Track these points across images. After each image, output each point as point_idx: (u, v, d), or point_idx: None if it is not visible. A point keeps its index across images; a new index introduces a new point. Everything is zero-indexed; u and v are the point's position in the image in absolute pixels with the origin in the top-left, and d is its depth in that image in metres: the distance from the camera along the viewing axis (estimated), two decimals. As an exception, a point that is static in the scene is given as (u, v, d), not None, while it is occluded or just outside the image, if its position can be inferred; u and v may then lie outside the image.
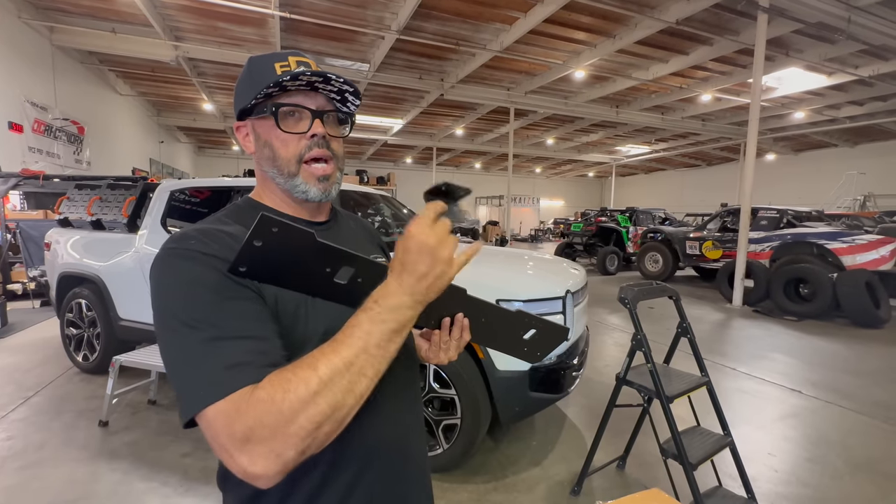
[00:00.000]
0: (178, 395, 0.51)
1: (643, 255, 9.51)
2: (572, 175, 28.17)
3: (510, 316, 0.69)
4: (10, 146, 6.88)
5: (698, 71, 9.73)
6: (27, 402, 3.01)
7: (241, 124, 0.71)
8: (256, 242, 0.50)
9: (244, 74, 0.70)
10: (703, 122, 14.10)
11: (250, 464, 0.46)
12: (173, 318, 0.53)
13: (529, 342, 0.72)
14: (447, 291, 0.58)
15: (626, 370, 2.01)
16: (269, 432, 0.46)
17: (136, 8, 6.94)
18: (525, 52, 8.68)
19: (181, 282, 0.54)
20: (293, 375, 0.48)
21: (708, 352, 4.41)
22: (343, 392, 0.48)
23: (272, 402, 0.46)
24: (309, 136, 0.66)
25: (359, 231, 0.86)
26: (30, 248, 5.85)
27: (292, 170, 0.66)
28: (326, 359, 0.49)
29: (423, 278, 0.51)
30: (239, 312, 0.53)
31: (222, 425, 0.47)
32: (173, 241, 0.58)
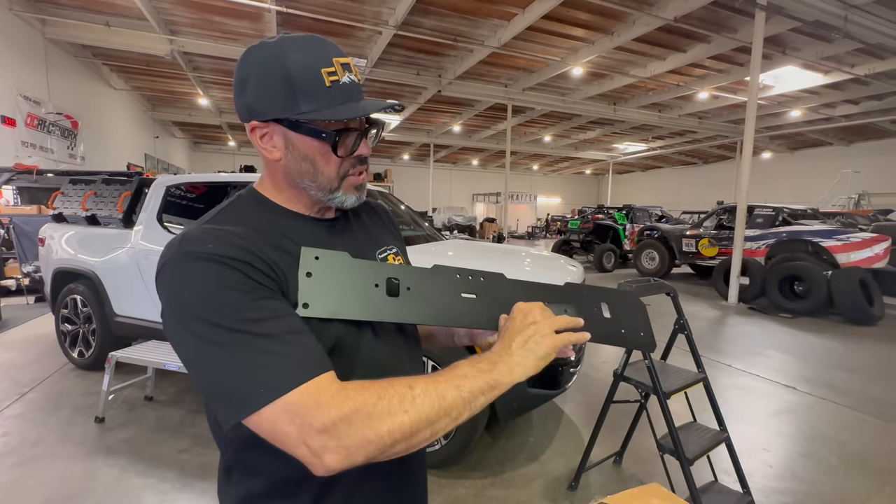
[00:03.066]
0: (224, 396, 0.49)
1: (640, 252, 9.54)
2: (569, 172, 28.22)
3: (563, 291, 0.68)
4: (2, 140, 6.80)
5: (696, 69, 9.75)
6: (22, 399, 2.99)
7: (261, 125, 0.61)
8: (308, 275, 0.56)
9: (271, 65, 0.58)
10: (700, 120, 14.14)
11: (320, 451, 0.47)
12: (206, 323, 0.50)
13: (619, 322, 0.69)
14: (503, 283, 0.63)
15: (624, 366, 2.02)
16: (350, 431, 0.47)
17: (130, 1, 6.86)
18: (523, 49, 8.66)
19: (210, 285, 0.51)
20: (390, 386, 0.50)
21: (704, 348, 4.44)
22: (426, 421, 0.50)
23: (365, 404, 0.47)
24: (355, 155, 0.65)
25: (370, 219, 0.82)
26: (24, 243, 5.80)
27: (334, 186, 0.65)
28: (423, 383, 0.51)
29: (523, 338, 0.57)
30: (281, 310, 0.53)
31: (296, 414, 0.46)
32: (186, 244, 0.54)
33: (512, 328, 0.58)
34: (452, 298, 0.63)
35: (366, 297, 0.58)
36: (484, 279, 0.66)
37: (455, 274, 0.65)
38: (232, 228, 0.57)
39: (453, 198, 25.48)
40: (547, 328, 0.58)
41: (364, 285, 0.59)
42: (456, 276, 0.65)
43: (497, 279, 0.66)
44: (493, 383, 0.54)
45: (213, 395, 0.50)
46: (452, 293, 0.64)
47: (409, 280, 0.62)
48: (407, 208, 3.94)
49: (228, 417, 0.49)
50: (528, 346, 0.57)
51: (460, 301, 0.64)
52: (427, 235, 3.55)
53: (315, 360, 0.51)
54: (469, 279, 0.65)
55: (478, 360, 0.55)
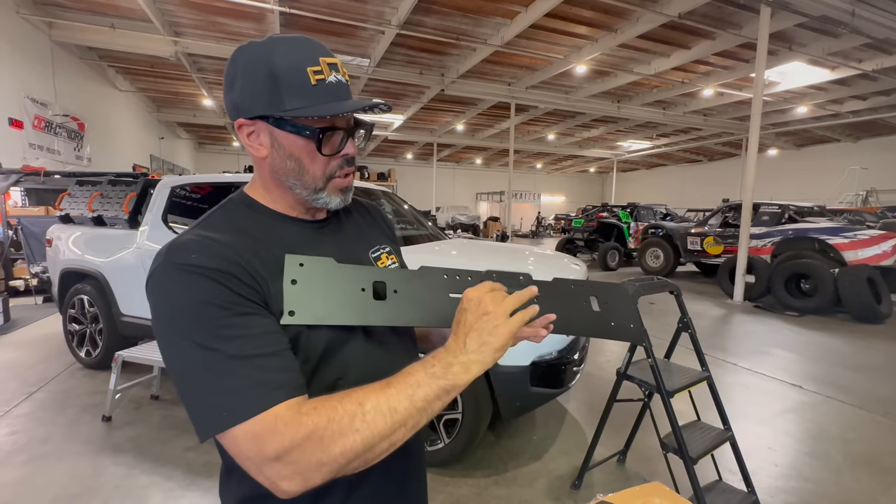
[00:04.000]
0: (195, 413, 0.50)
1: (644, 250, 9.50)
2: (573, 170, 28.12)
3: (553, 287, 0.67)
4: (10, 143, 6.88)
5: (700, 65, 9.68)
6: (31, 398, 3.02)
7: (248, 123, 0.62)
8: (293, 282, 0.56)
9: (258, 64, 0.59)
10: (705, 117, 14.05)
11: (278, 478, 0.48)
12: (185, 338, 0.51)
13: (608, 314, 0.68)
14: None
15: (627, 365, 2.01)
16: (303, 457, 0.47)
17: (134, 3, 6.90)
18: (526, 47, 8.63)
19: (189, 299, 0.52)
20: (340, 406, 0.49)
21: (709, 347, 4.41)
22: (380, 436, 0.49)
23: (315, 429, 0.47)
24: (341, 155, 0.65)
25: (362, 220, 0.82)
26: (31, 244, 5.86)
27: (319, 186, 0.64)
28: (374, 398, 0.50)
29: (477, 332, 0.53)
30: (255, 328, 0.52)
31: (255, 443, 0.47)
32: (172, 254, 0.55)
33: (465, 322, 0.54)
34: (440, 299, 0.63)
35: (352, 302, 0.58)
36: (472, 278, 0.65)
37: (442, 274, 0.64)
38: (218, 237, 0.57)
39: (457, 197, 25.47)
40: (501, 316, 0.53)
41: (350, 290, 0.59)
42: (443, 277, 0.64)
43: (485, 277, 0.66)
44: (449, 387, 0.52)
45: (186, 408, 0.51)
46: (440, 294, 0.63)
47: (396, 283, 0.61)
48: (410, 208, 3.95)
49: (198, 434, 0.50)
50: (483, 340, 0.53)
51: (448, 301, 0.63)
52: (430, 235, 3.55)
53: (279, 385, 0.50)
54: (456, 279, 0.65)
55: (431, 364, 0.53)
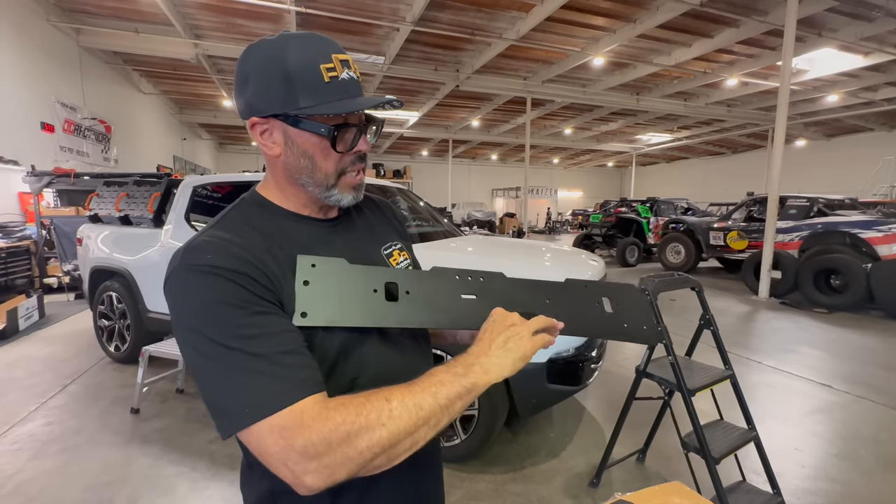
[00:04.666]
0: (217, 411, 0.51)
1: (664, 246, 9.29)
2: (591, 165, 27.68)
3: (564, 288, 0.67)
4: (42, 146, 7.16)
5: (724, 55, 9.38)
6: (65, 390, 3.16)
7: (261, 122, 0.62)
8: (305, 283, 0.56)
9: (271, 62, 0.59)
10: (729, 108, 13.61)
11: (302, 473, 0.48)
12: (204, 338, 0.52)
13: (621, 316, 0.67)
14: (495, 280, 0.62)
15: (647, 362, 1.98)
16: (330, 450, 0.48)
17: (156, 7, 7.08)
18: (542, 40, 8.52)
19: (207, 300, 0.52)
20: (367, 401, 0.50)
21: (732, 345, 4.30)
22: (404, 433, 0.50)
23: (343, 423, 0.48)
24: (353, 152, 0.65)
25: (374, 217, 0.82)
26: (63, 243, 6.11)
27: (331, 182, 0.65)
28: (400, 395, 0.51)
29: (502, 338, 0.57)
30: (273, 326, 0.53)
31: (281, 436, 0.48)
32: (188, 256, 0.56)
33: (492, 329, 0.58)
34: (452, 300, 0.63)
35: (364, 304, 0.58)
36: (483, 279, 0.65)
37: (454, 275, 0.64)
38: (232, 237, 0.58)
39: (472, 193, 25.39)
40: (526, 331, 0.58)
41: (362, 291, 0.59)
42: (455, 278, 0.64)
43: (496, 279, 0.66)
44: (470, 386, 0.54)
45: (208, 406, 0.52)
46: (452, 295, 0.63)
47: (408, 284, 0.61)
48: (426, 205, 3.95)
49: (220, 431, 0.51)
50: (508, 347, 0.57)
51: (460, 303, 0.63)
52: (446, 231, 3.55)
53: (302, 380, 0.51)
54: (469, 280, 0.64)
55: (453, 365, 0.55)
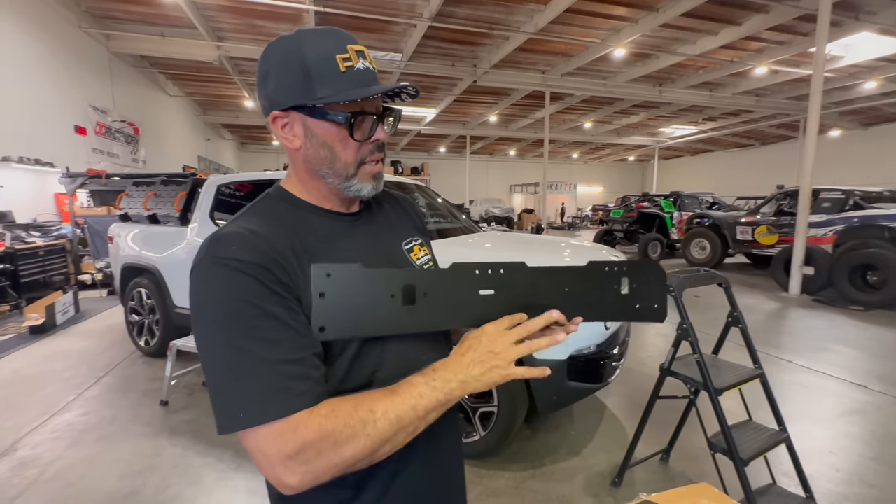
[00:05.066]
0: (219, 407, 0.52)
1: (689, 241, 9.04)
2: (611, 159, 27.14)
3: (586, 272, 0.64)
4: (76, 148, 7.47)
5: (752, 42, 9.02)
6: (99, 382, 3.30)
7: (282, 115, 0.63)
8: (321, 295, 0.55)
9: (290, 57, 0.61)
10: (758, 98, 13.10)
11: (288, 476, 0.51)
12: (217, 334, 0.53)
13: (636, 296, 0.65)
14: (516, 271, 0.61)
15: (671, 361, 1.93)
16: (318, 457, 0.51)
17: (181, 10, 7.27)
18: (561, 33, 8.37)
19: (224, 296, 0.54)
20: (354, 411, 0.52)
21: (761, 343, 4.15)
22: (385, 440, 0.53)
23: (333, 433, 0.51)
24: (372, 140, 0.65)
25: (395, 212, 0.82)
26: (96, 241, 6.36)
27: (351, 172, 0.65)
28: (383, 405, 0.53)
29: (479, 364, 0.56)
30: (285, 330, 0.54)
31: (275, 442, 0.50)
32: (212, 245, 0.57)
33: (473, 349, 0.57)
34: (470, 298, 0.61)
35: (382, 311, 0.57)
36: (504, 271, 0.63)
37: (474, 270, 0.62)
38: (257, 228, 0.59)
39: (490, 189, 25.25)
40: (504, 360, 0.57)
41: (380, 298, 0.57)
42: (475, 273, 0.62)
43: (517, 270, 0.63)
44: (445, 401, 0.56)
45: (212, 400, 0.54)
46: (471, 292, 0.61)
47: (426, 284, 0.59)
48: (444, 201, 3.95)
49: (219, 427, 0.53)
50: (482, 372, 0.57)
51: (478, 300, 0.61)
52: (464, 228, 3.54)
53: (301, 392, 0.52)
54: (489, 273, 0.62)
55: (432, 378, 0.56)
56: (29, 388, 3.19)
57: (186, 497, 2.05)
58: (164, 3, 7.19)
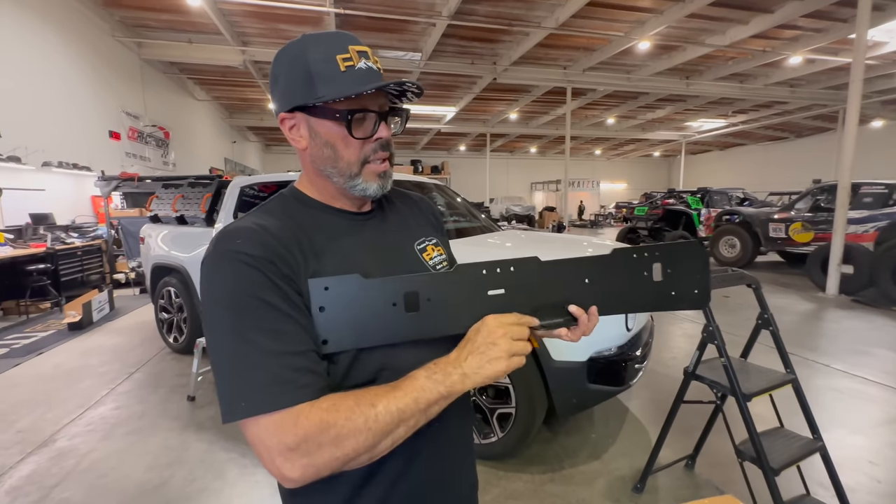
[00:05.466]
0: (224, 397, 0.53)
1: (717, 239, 8.73)
2: (635, 155, 26.48)
3: (609, 262, 0.60)
4: (110, 152, 7.80)
5: (786, 30, 8.62)
6: (130, 378, 3.43)
7: (288, 116, 0.65)
8: (321, 309, 0.55)
9: (298, 61, 0.62)
10: (792, 89, 12.52)
11: (290, 469, 0.50)
12: (223, 324, 0.54)
13: (671, 283, 0.60)
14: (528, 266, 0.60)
15: (696, 364, 1.86)
16: (319, 450, 0.50)
17: (207, 17, 7.49)
18: (582, 27, 8.20)
19: (231, 288, 0.55)
20: (356, 406, 0.52)
21: (795, 346, 3.97)
22: (386, 434, 0.53)
23: (334, 426, 0.51)
24: (374, 139, 0.65)
25: (409, 212, 0.82)
26: (129, 241, 6.63)
27: (354, 171, 0.65)
28: (385, 400, 0.53)
29: (478, 356, 0.56)
30: (288, 324, 0.54)
31: (276, 433, 0.50)
32: (221, 238, 0.58)
33: (473, 342, 0.57)
34: (478, 300, 0.59)
35: (384, 321, 0.57)
36: (514, 268, 0.60)
37: (481, 270, 0.59)
38: (265, 223, 0.61)
39: (511, 187, 25.05)
40: (503, 353, 0.56)
41: (381, 308, 0.56)
42: (482, 273, 0.59)
43: (528, 265, 0.60)
44: (447, 394, 0.55)
45: (217, 389, 0.54)
46: (478, 293, 0.59)
47: (430, 290, 0.58)
48: (463, 200, 3.93)
49: (223, 415, 0.53)
50: (481, 365, 0.56)
51: (486, 301, 0.59)
52: (483, 227, 3.52)
53: (303, 385, 0.53)
54: (497, 272, 0.59)
55: (433, 371, 0.56)
56: (67, 382, 3.36)
57: (212, 490, 2.11)
58: (191, 10, 7.42)
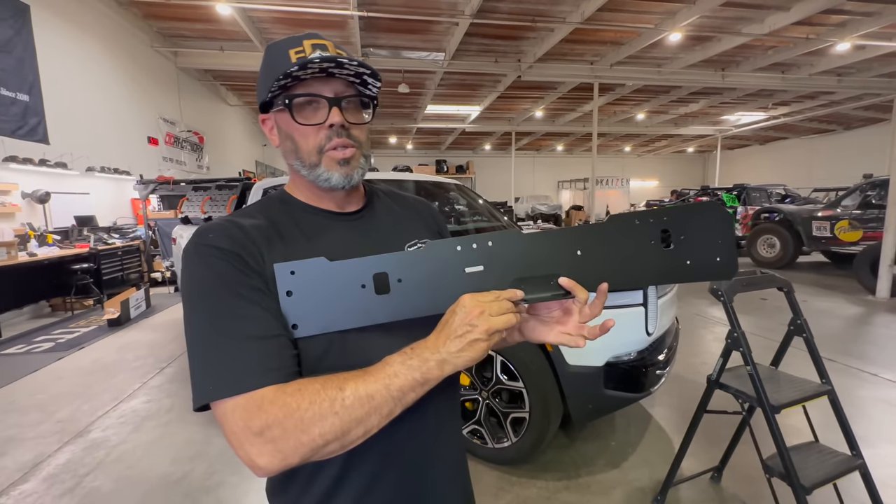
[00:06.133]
0: (195, 380, 0.53)
1: (755, 238, 8.30)
2: (668, 152, 25.54)
3: (604, 230, 0.56)
4: (148, 157, 8.21)
5: (832, 15, 8.06)
6: (162, 372, 3.59)
7: (265, 117, 0.69)
8: (288, 294, 0.55)
9: (262, 64, 0.67)
10: (840, 78, 11.72)
11: (257, 455, 0.50)
12: (195, 311, 0.56)
13: (685, 251, 0.54)
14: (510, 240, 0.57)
15: (720, 372, 1.75)
16: (284, 435, 0.49)
17: (237, 25, 7.75)
18: (610, 21, 7.97)
19: (201, 277, 0.57)
20: (322, 389, 0.51)
21: (840, 353, 3.72)
22: (356, 421, 0.51)
23: (298, 409, 0.50)
24: (327, 125, 0.63)
25: (405, 214, 0.79)
26: (165, 242, 6.94)
27: (314, 160, 0.65)
28: (353, 384, 0.51)
29: (456, 339, 0.53)
30: (256, 310, 0.55)
31: (240, 417, 0.50)
32: (197, 234, 0.61)
33: (450, 324, 0.54)
34: (454, 278, 0.56)
35: (354, 303, 0.55)
36: (493, 243, 0.56)
37: (455, 246, 0.57)
38: (239, 221, 0.62)
39: (537, 186, 24.69)
40: (483, 333, 0.52)
41: (348, 290, 0.55)
42: (456, 249, 0.57)
43: (509, 239, 0.57)
44: (422, 380, 0.53)
45: (191, 375, 0.55)
46: (454, 271, 0.56)
47: (400, 270, 0.56)
48: (484, 202, 3.91)
49: (193, 402, 0.54)
50: (461, 348, 0.53)
51: (464, 278, 0.56)
52: (503, 226, 3.49)
53: (269, 368, 0.52)
54: (473, 247, 0.56)
55: (409, 357, 0.53)
56: (104, 375, 3.54)
57: (229, 484, 2.17)
58: (223, 19, 7.69)
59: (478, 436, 2.27)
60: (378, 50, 9.28)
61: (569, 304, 0.60)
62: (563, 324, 0.60)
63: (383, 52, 9.36)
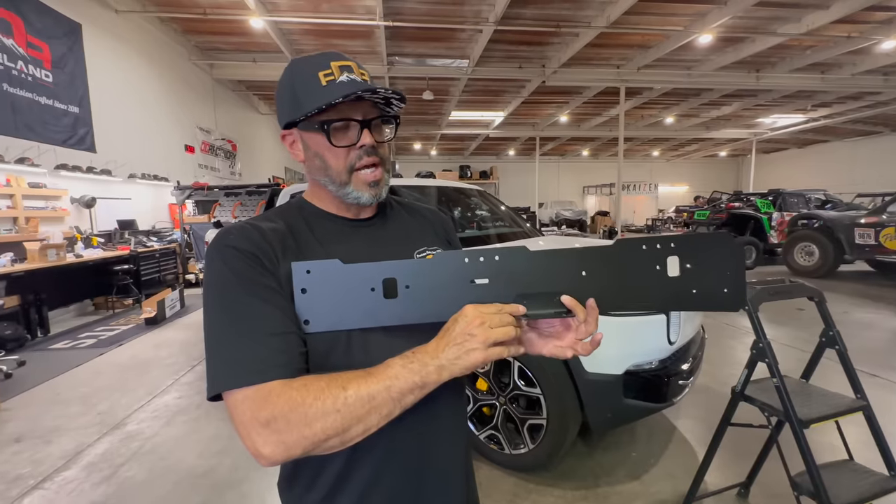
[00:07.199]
0: (210, 371, 0.58)
1: (791, 245, 7.93)
2: (698, 156, 24.74)
3: (611, 253, 0.57)
4: (185, 164, 8.61)
5: (875, 12, 7.67)
6: (192, 370, 3.75)
7: (287, 133, 0.72)
8: (303, 291, 0.58)
9: (285, 82, 0.69)
10: (886, 77, 11.11)
11: (262, 445, 0.53)
12: (212, 305, 0.60)
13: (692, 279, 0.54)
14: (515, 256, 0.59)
15: (745, 383, 1.70)
16: (288, 427, 0.53)
17: (269, 38, 8.06)
18: (636, 24, 7.85)
19: (220, 274, 0.61)
20: (327, 387, 0.54)
21: (885, 367, 3.51)
22: (356, 419, 0.54)
23: (302, 404, 0.53)
24: (358, 146, 0.68)
25: (414, 222, 0.82)
26: (199, 245, 7.24)
27: (344, 179, 0.69)
28: (356, 384, 0.54)
29: (455, 346, 0.55)
30: (269, 308, 0.58)
31: (249, 407, 0.54)
32: (219, 235, 0.65)
33: (451, 332, 0.56)
34: (460, 289, 0.58)
35: (363, 304, 0.58)
36: (500, 258, 0.59)
37: (463, 258, 0.59)
38: (259, 224, 0.66)
39: (562, 191, 24.38)
40: (481, 343, 0.54)
41: (359, 292, 0.58)
42: (464, 261, 0.59)
43: (516, 255, 0.59)
44: (421, 383, 0.55)
45: (207, 363, 0.59)
46: (460, 282, 0.59)
47: (409, 276, 0.59)
48: (506, 207, 3.92)
49: (207, 390, 0.57)
50: (458, 355, 0.55)
51: (469, 289, 0.58)
52: (522, 232, 3.49)
53: (279, 364, 0.56)
54: (481, 260, 0.59)
55: (409, 360, 0.56)
56: (140, 371, 3.73)
57: (252, 479, 2.24)
58: (255, 32, 8.03)
59: (495, 441, 2.26)
60: (403, 58, 9.44)
61: (569, 321, 0.61)
62: (560, 338, 0.61)
63: (408, 61, 9.52)
